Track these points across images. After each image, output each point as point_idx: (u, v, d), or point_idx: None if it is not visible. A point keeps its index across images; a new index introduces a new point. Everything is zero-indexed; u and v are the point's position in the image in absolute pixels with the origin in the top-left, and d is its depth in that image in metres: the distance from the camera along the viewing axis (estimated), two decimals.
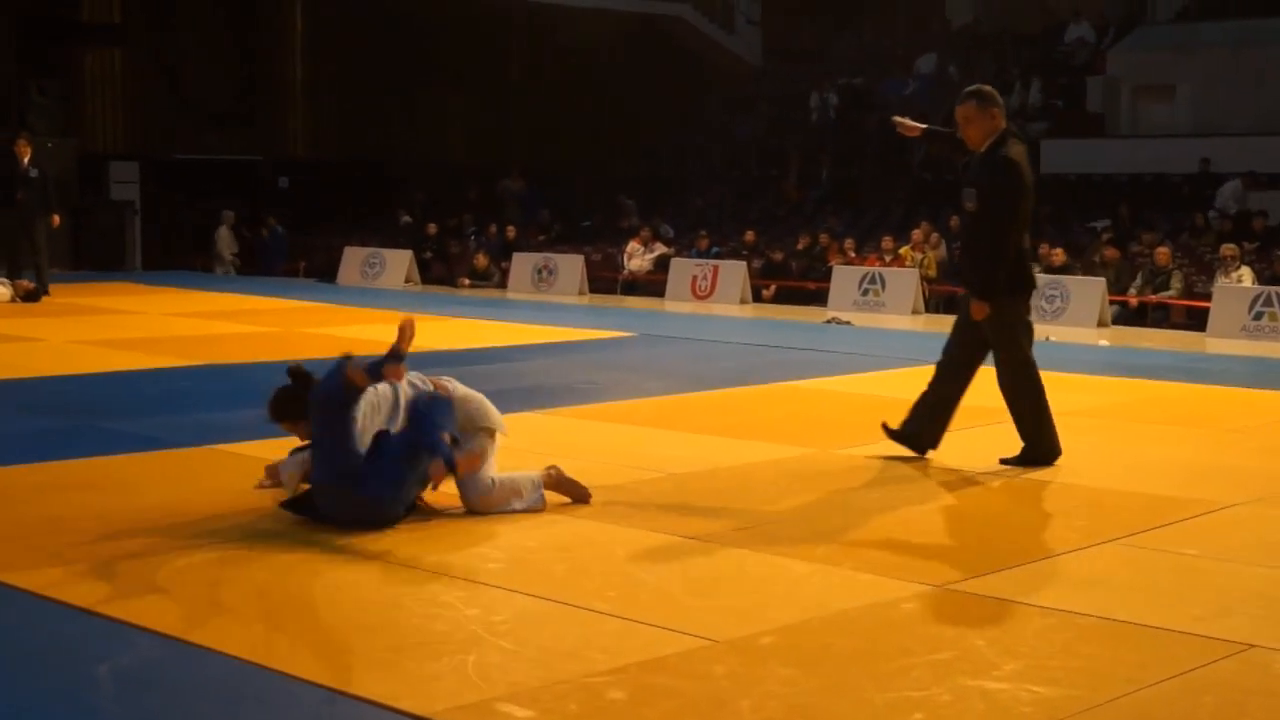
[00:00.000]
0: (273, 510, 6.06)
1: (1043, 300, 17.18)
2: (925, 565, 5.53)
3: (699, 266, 20.62)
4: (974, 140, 7.50)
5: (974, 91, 7.55)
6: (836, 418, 9.41)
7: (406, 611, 4.87)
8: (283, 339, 13.40)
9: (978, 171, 7.47)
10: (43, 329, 13.47)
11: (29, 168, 17.12)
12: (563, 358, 12.50)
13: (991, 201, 7.39)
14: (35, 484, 6.77)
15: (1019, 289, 7.58)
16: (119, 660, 4.35)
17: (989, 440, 8.45)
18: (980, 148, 7.47)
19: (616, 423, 8.91)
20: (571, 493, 6.49)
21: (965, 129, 7.52)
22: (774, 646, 4.56)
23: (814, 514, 6.51)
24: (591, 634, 4.64)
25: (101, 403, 9.40)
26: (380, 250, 23.33)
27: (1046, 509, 6.61)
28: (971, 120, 7.46)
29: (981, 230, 7.52)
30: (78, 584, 5.08)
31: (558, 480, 6.47)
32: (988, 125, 7.44)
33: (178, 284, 19.96)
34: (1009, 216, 7.38)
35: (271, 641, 4.53)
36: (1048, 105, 26.08)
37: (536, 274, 21.60)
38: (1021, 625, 4.80)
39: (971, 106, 7.46)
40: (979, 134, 7.46)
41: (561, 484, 6.48)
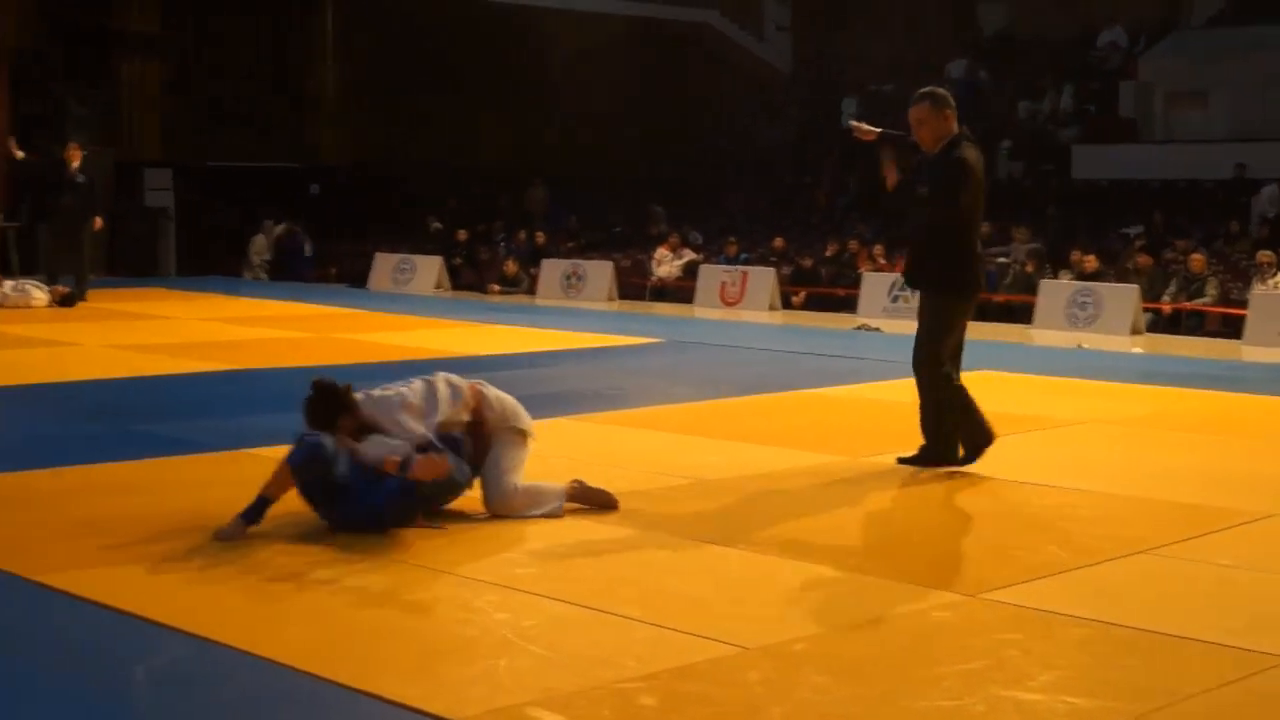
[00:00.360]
0: (304, 515, 6.08)
1: (1075, 307, 17.12)
2: (958, 573, 5.51)
3: (728, 273, 20.60)
4: (927, 142, 7.54)
5: (928, 93, 7.60)
6: (866, 425, 9.39)
7: (438, 616, 4.88)
8: (314, 344, 13.45)
9: (930, 172, 7.52)
10: (79, 334, 13.55)
11: (76, 173, 17.26)
12: (591, 364, 12.50)
13: (932, 195, 7.45)
14: (72, 486, 6.81)
15: (965, 288, 7.58)
16: (155, 661, 4.37)
17: (1021, 448, 8.42)
18: (934, 149, 7.51)
19: (645, 429, 8.91)
20: (597, 501, 6.48)
21: (918, 130, 7.56)
22: (806, 654, 4.55)
23: (844, 521, 6.49)
24: (623, 640, 4.64)
25: (136, 407, 9.46)
26: (411, 256, 23.39)
27: (1081, 518, 6.57)
28: (925, 122, 7.51)
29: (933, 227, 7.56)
30: (114, 585, 5.11)
31: (582, 492, 6.47)
32: (941, 127, 7.49)
33: (211, 289, 20.06)
34: (948, 212, 7.45)
35: (305, 644, 4.54)
36: (1080, 111, 25.98)
37: (565, 280, 21.61)
38: (1056, 635, 4.78)
39: (925, 108, 7.52)
40: (932, 136, 7.51)
41: (586, 495, 6.48)
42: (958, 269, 7.50)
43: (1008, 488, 7.27)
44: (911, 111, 7.57)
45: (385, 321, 15.85)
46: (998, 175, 25.75)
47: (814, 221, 25.40)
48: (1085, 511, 6.74)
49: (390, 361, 11.98)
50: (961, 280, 7.54)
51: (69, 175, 17.24)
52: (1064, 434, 9.05)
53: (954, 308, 7.56)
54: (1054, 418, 9.61)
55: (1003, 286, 19.36)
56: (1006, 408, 10.10)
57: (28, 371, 10.95)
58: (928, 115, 7.50)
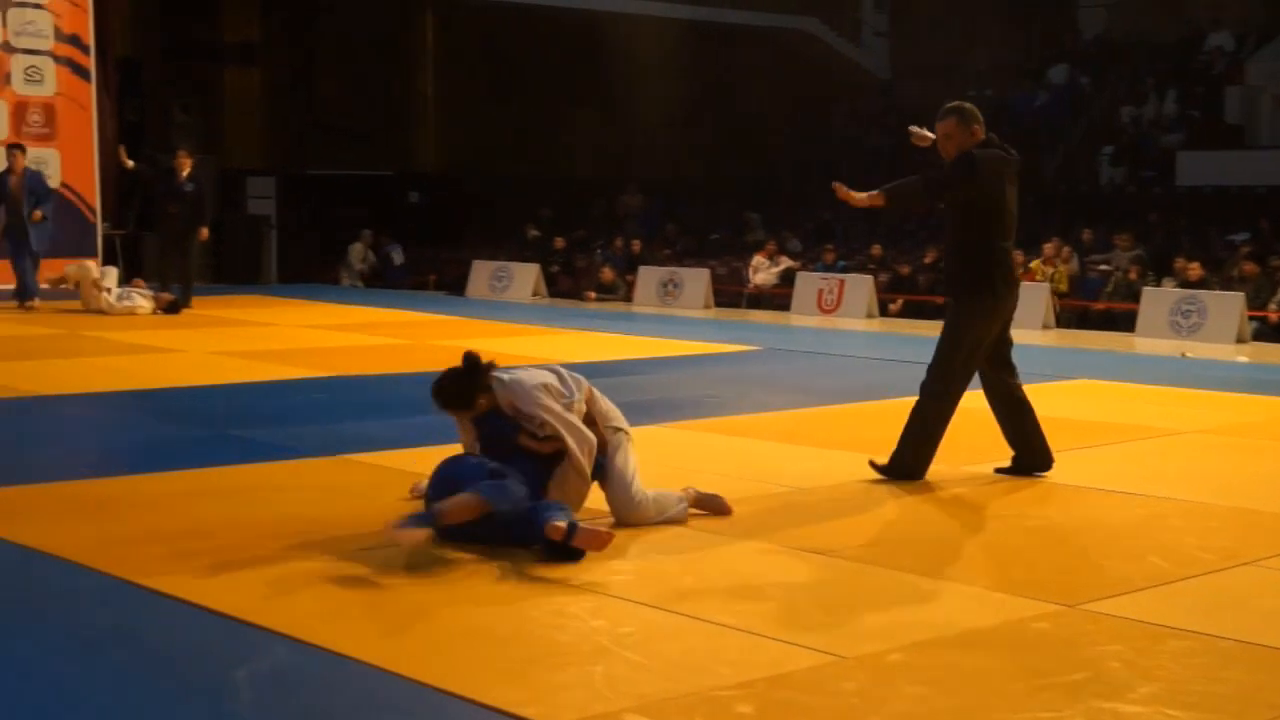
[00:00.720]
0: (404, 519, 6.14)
1: (1179, 315, 16.88)
2: (1057, 583, 5.45)
3: (825, 280, 20.53)
4: (944, 154, 7.50)
5: (955, 108, 7.51)
6: (964, 434, 9.29)
7: (535, 622, 4.91)
8: (412, 351, 13.57)
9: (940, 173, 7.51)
10: (183, 340, 13.77)
11: (185, 182, 17.51)
12: (687, 371, 12.51)
13: (927, 180, 7.46)
14: (176, 491, 6.92)
15: (984, 293, 7.38)
16: (256, 665, 4.43)
17: (1122, 458, 8.33)
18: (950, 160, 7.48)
19: (741, 436, 8.90)
20: (712, 507, 6.49)
21: (945, 145, 7.48)
22: (903, 664, 4.52)
23: (942, 530, 6.45)
24: (718, 647, 4.64)
25: (237, 412, 9.60)
26: (508, 264, 23.55)
27: (1184, 528, 6.48)
28: (952, 136, 7.44)
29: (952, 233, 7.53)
30: (216, 589, 5.18)
31: (696, 499, 6.48)
32: (967, 142, 7.41)
33: (311, 297, 20.29)
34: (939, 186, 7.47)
35: (403, 649, 4.59)
36: (1184, 116, 25.60)
37: (662, 287, 21.64)
38: (1157, 647, 4.71)
39: (953, 123, 7.45)
40: (956, 150, 7.43)
41: (701, 501, 6.49)
42: (973, 273, 7.38)
43: (1109, 497, 7.18)
44: (939, 126, 7.51)
45: (482, 329, 15.96)
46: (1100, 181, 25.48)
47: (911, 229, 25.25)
48: (1187, 522, 6.64)
49: None
50: (982, 285, 7.37)
51: (177, 184, 17.48)
52: (1166, 444, 8.93)
53: (974, 311, 7.41)
54: (1156, 427, 9.48)
55: (1105, 294, 19.14)
56: (1107, 417, 10.00)
57: (132, 377, 11.15)
58: (955, 130, 7.44)
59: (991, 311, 7.40)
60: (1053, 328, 18.17)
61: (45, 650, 4.60)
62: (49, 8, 20.52)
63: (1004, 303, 7.46)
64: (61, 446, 8.45)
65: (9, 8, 20.16)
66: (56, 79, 20.64)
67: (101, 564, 5.50)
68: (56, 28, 20.58)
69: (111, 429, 9.26)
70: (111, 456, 8.24)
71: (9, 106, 20.25)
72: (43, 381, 10.74)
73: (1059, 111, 27.17)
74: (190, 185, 17.50)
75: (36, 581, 5.38)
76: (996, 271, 7.36)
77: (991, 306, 7.39)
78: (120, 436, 8.93)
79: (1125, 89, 27.31)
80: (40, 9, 20.46)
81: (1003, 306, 7.46)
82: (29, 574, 5.49)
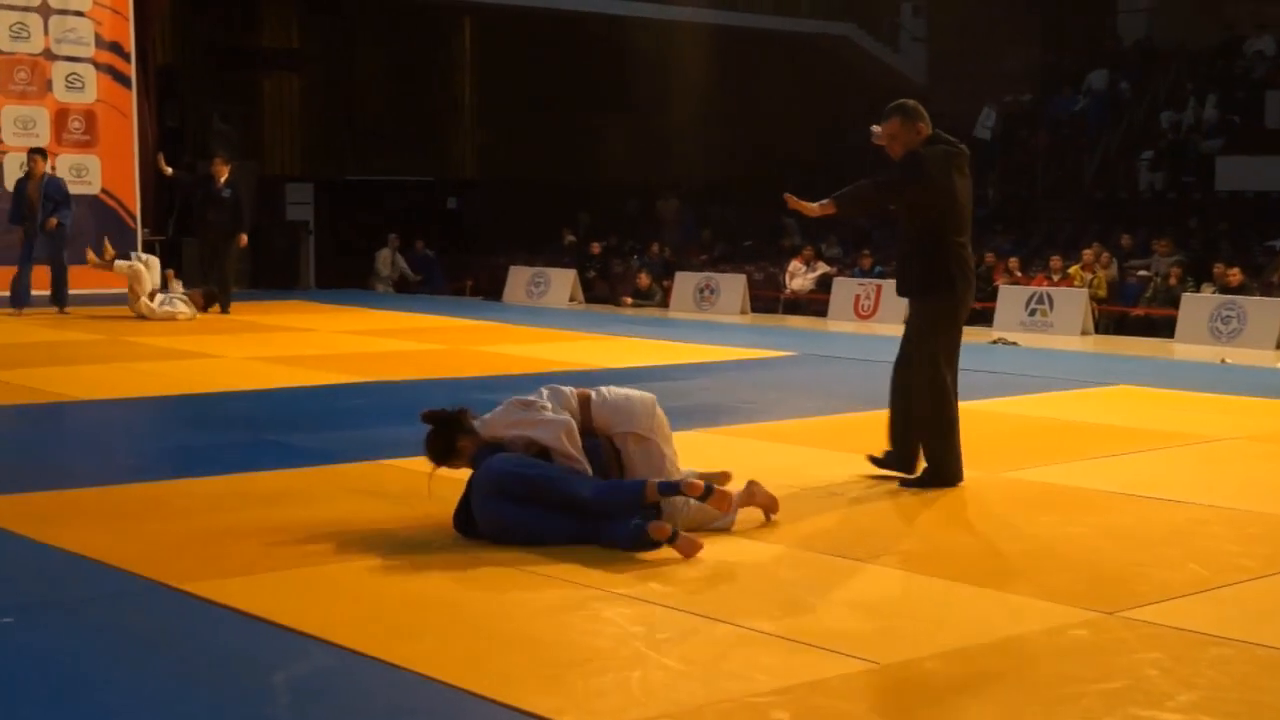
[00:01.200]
0: (442, 524, 6.16)
1: (1218, 321, 16.77)
2: (1095, 591, 5.42)
3: (862, 285, 20.49)
4: (898, 155, 7.46)
5: (898, 107, 7.49)
6: (1003, 440, 9.27)
7: (571, 628, 4.92)
8: (449, 356, 13.61)
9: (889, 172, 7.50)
10: (221, 346, 13.85)
11: (222, 188, 17.58)
12: (724, 377, 12.50)
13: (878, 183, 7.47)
14: (214, 496, 6.97)
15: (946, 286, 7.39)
16: (294, 670, 4.46)
17: (1160, 464, 8.29)
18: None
19: (778, 442, 8.89)
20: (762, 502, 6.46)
21: (891, 145, 7.46)
22: (939, 672, 4.51)
23: (979, 537, 6.43)
24: (756, 654, 4.64)
25: (276, 417, 9.64)
26: (545, 269, 23.58)
27: (1224, 535, 6.44)
28: (897, 136, 7.42)
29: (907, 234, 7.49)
30: (254, 594, 5.21)
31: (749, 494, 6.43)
32: (913, 141, 7.39)
33: (348, 302, 20.37)
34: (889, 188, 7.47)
35: (440, 654, 4.60)
36: (1224, 121, 25.43)
37: (698, 293, 21.64)
38: (1197, 655, 4.68)
39: (897, 123, 7.43)
40: (904, 149, 7.41)
41: (754, 496, 6.45)
42: (930, 272, 7.38)
43: (1148, 504, 7.14)
44: (884, 127, 7.48)
45: (519, 334, 15.99)
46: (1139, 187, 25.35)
47: None
48: (1227, 529, 6.60)
49: (524, 374, 12.08)
50: (941, 284, 7.38)
51: (215, 190, 17.56)
52: (1205, 450, 8.87)
53: (938, 310, 7.44)
54: (1195, 433, 9.42)
55: (1144, 300, 19.04)
56: (1146, 423, 9.94)
57: (172, 383, 11.22)
58: (899, 129, 7.42)
59: (954, 309, 7.47)
60: (1091, 334, 18.08)
61: (84, 654, 4.63)
62: (90, 15, 20.68)
63: (964, 299, 7.53)
64: (101, 451, 8.51)
65: (51, 15, 20.33)
66: (97, 86, 20.80)
67: (140, 568, 5.54)
68: (98, 35, 20.74)
69: (150, 434, 9.32)
70: (150, 461, 8.29)
71: (50, 113, 20.42)
72: (83, 386, 10.82)
73: (1098, 116, 27.04)
74: (228, 191, 17.58)
75: (76, 585, 5.42)
76: (955, 268, 7.38)
77: (952, 304, 7.45)
78: (159, 441, 8.99)
79: (1165, 94, 27.16)
80: (82, 16, 20.62)
81: (963, 303, 7.53)
82: (69, 578, 5.53)
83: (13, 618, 4.95)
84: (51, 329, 15.37)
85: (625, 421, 6.34)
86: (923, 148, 7.35)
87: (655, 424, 6.37)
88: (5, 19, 19.99)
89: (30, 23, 20.18)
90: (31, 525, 6.25)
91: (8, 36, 20.03)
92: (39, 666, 4.48)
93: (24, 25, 20.14)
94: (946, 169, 7.32)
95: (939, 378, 7.45)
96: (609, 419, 6.33)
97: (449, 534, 6.07)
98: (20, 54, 20.14)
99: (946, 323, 7.46)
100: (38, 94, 20.30)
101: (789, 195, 7.66)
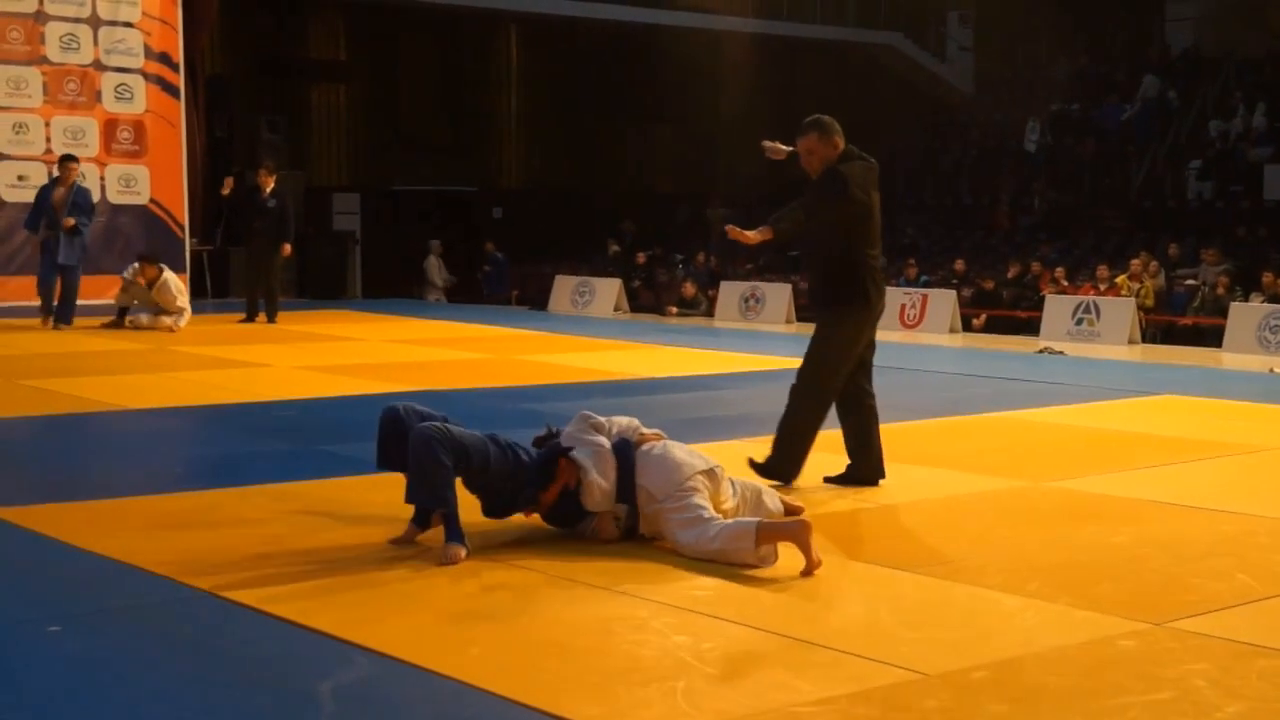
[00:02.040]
0: (485, 531, 6.18)
1: (1267, 330, 16.65)
2: (1142, 601, 5.39)
3: (907, 295, 20.44)
4: (809, 169, 7.51)
5: (814, 122, 7.50)
6: (1049, 450, 9.23)
7: (616, 637, 4.92)
8: (495, 365, 13.65)
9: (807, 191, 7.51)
10: (269, 355, 13.93)
11: (268, 198, 17.63)
12: (770, 386, 12.43)
13: (804, 206, 7.44)
14: (260, 505, 7.00)
15: (861, 297, 7.49)
16: (340, 678, 4.47)
17: (1208, 474, 8.23)
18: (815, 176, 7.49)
19: (824, 451, 8.85)
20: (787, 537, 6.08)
21: (808, 160, 7.48)
22: (986, 681, 4.49)
23: (1025, 547, 6.39)
24: (800, 663, 4.63)
25: (323, 426, 9.69)
26: (590, 279, 23.63)
27: (1272, 546, 6.39)
28: (814, 151, 7.46)
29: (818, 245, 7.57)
30: (300, 602, 5.24)
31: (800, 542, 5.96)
32: (830, 155, 7.44)
33: (395, 311, 20.45)
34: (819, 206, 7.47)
35: (485, 663, 4.61)
36: (1272, 129, 25.25)
37: (744, 302, 21.63)
38: (1245, 666, 4.65)
39: (814, 138, 7.45)
40: (820, 164, 7.45)
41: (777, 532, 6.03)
42: (845, 284, 7.46)
43: (1195, 514, 7.09)
44: (800, 143, 7.50)
45: (565, 343, 16.02)
46: (1187, 196, 25.19)
47: (993, 243, 25.08)
48: (1276, 540, 6.55)
49: (570, 383, 12.10)
50: (856, 294, 7.47)
51: (261, 200, 17.62)
52: (1254, 460, 8.81)
53: (847, 320, 7.55)
54: (1244, 443, 9.35)
55: (1192, 309, 18.92)
56: (1194, 433, 9.87)
57: (220, 392, 11.29)
58: (816, 144, 7.45)
59: (865, 320, 7.58)
60: (1139, 343, 17.98)
61: (131, 662, 4.66)
62: (140, 26, 20.87)
63: (875, 310, 7.63)
64: (147, 460, 8.57)
65: (100, 26, 20.53)
66: (146, 96, 20.98)
67: (187, 577, 5.57)
68: (147, 46, 20.92)
69: (197, 443, 9.39)
70: (197, 470, 8.35)
71: (100, 123, 20.61)
72: (130, 395, 10.90)
73: (1146, 125, 26.89)
74: (273, 201, 17.63)
75: (122, 593, 5.46)
76: (869, 280, 7.51)
77: (865, 315, 7.56)
78: (206, 450, 9.05)
79: (1213, 102, 26.99)
80: (131, 28, 20.81)
81: (874, 313, 7.64)
82: (115, 586, 5.56)
83: (60, 626, 4.99)
84: (101, 339, 15.49)
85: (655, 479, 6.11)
86: (839, 163, 7.42)
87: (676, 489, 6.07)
88: (55, 30, 20.21)
89: (80, 34, 20.39)
90: (78, 533, 6.30)
91: (58, 48, 20.23)
92: (85, 674, 4.52)
93: (74, 36, 20.34)
94: (865, 184, 7.45)
95: (828, 384, 7.58)
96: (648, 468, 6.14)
97: (492, 544, 6.08)
98: (70, 65, 20.34)
99: (853, 332, 7.59)
100: (87, 105, 20.50)
101: (730, 226, 7.73)
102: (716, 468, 6.30)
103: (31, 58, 20.03)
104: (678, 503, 6.03)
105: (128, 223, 20.78)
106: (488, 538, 6.15)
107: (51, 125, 20.21)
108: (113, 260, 20.32)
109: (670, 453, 6.23)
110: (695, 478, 6.13)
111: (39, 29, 20.08)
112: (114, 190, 20.69)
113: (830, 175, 7.40)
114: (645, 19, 28.88)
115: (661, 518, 6.08)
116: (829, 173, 7.41)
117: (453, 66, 29.44)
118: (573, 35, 29.23)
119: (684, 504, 6.02)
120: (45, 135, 20.10)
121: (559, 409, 10.04)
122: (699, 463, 6.22)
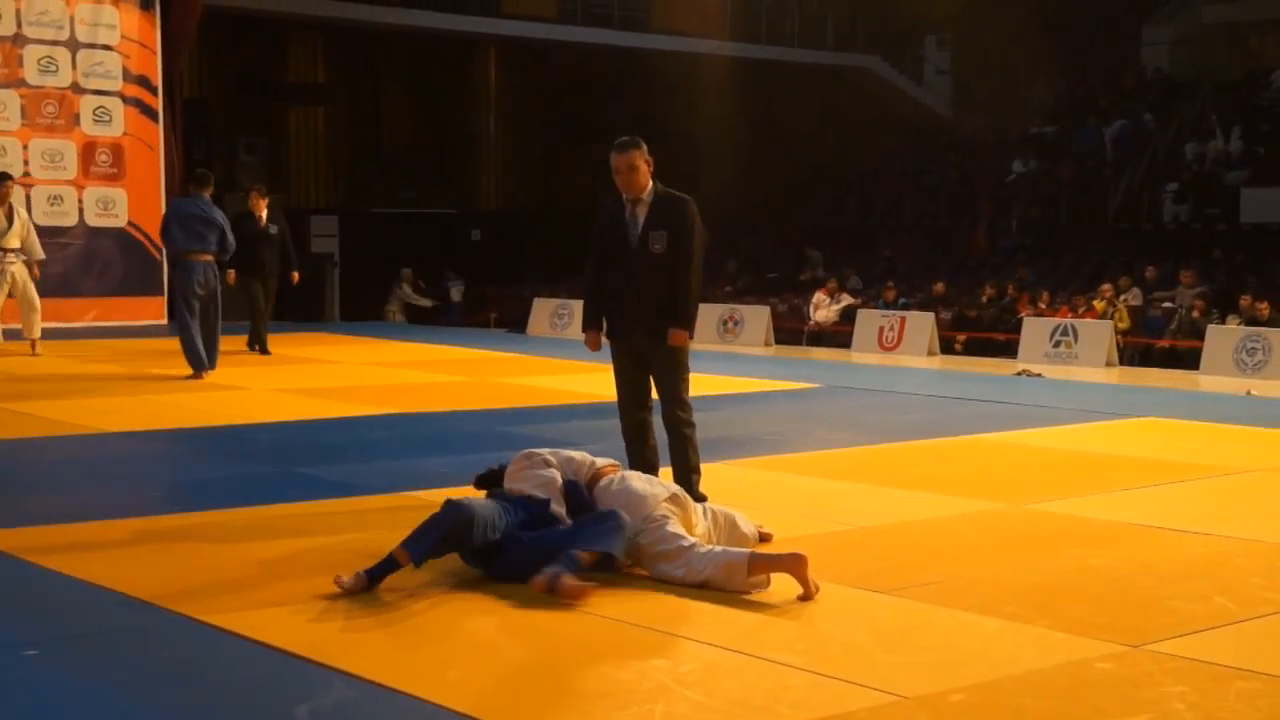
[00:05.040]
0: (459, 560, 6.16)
1: (1243, 353, 16.72)
2: (1120, 624, 5.40)
3: (886, 317, 20.48)
4: (639, 187, 7.58)
5: (633, 140, 7.60)
6: (1027, 472, 9.26)
7: (596, 661, 4.91)
8: (473, 388, 13.63)
9: (661, 215, 7.59)
10: (247, 378, 13.90)
11: (267, 225, 16.67)
12: (748, 408, 12.50)
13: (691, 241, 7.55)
14: (238, 528, 6.98)
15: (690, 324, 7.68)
16: (318, 701, 4.46)
17: (1186, 496, 8.26)
18: (643, 193, 7.59)
19: (802, 474, 8.88)
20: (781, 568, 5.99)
21: (633, 177, 7.54)
22: (964, 705, 4.50)
23: (1004, 570, 6.41)
24: (779, 687, 4.63)
25: (301, 449, 9.66)
26: (569, 301, 23.60)
27: (1249, 568, 6.41)
28: (639, 168, 7.54)
29: (678, 269, 7.56)
30: (278, 626, 5.22)
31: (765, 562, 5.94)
32: (648, 172, 7.58)
33: (374, 334, 20.43)
34: (702, 253, 7.65)
35: (462, 686, 4.60)
36: (1248, 153, 25.39)
37: (722, 324, 21.64)
38: (1223, 688, 4.66)
39: (639, 154, 7.55)
40: (645, 180, 7.57)
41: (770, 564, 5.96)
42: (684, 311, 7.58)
43: (1172, 536, 7.12)
44: (623, 159, 7.56)
45: (543, 366, 16.01)
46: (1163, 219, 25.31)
47: (971, 266, 25.17)
48: (1252, 562, 6.57)
49: (550, 405, 12.10)
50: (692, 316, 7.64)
51: (261, 228, 16.60)
52: (1230, 482, 8.84)
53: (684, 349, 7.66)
54: (1220, 465, 9.39)
55: (1168, 332, 18.99)
56: (1171, 455, 9.91)
57: (197, 415, 11.26)
58: (642, 161, 7.55)
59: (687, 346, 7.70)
60: (1116, 365, 18.04)
61: (108, 687, 4.64)
62: (118, 49, 20.84)
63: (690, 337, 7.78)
64: (126, 483, 8.54)
65: (79, 49, 20.49)
66: (125, 119, 20.95)
67: (164, 601, 5.56)
68: (125, 69, 20.90)
69: (176, 466, 9.35)
70: (175, 493, 8.33)
71: (78, 146, 20.57)
72: (108, 418, 10.86)
73: (1122, 148, 27.02)
74: (274, 228, 16.69)
75: (99, 618, 5.44)
76: (693, 307, 7.68)
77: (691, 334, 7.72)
78: (184, 473, 9.02)
79: (1190, 126, 27.14)
80: (110, 50, 20.78)
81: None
82: (92, 610, 5.54)
83: (36, 650, 4.97)
84: (76, 362, 15.43)
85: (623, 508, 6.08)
86: (657, 185, 7.60)
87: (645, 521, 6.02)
88: (34, 53, 20.17)
89: (58, 57, 20.35)
90: (55, 558, 6.27)
91: (36, 70, 20.19)
92: (62, 699, 4.50)
93: (52, 59, 20.31)
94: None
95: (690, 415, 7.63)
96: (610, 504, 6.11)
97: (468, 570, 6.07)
98: (48, 88, 20.29)
99: (687, 358, 7.71)
100: (65, 127, 20.45)
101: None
102: (679, 492, 6.30)
103: (9, 80, 19.99)
104: (653, 535, 6.00)
105: (106, 245, 20.72)
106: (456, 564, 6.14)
107: (30, 148, 20.16)
108: (90, 283, 20.24)
109: (630, 484, 6.21)
110: (662, 505, 6.10)
111: (17, 51, 20.04)
112: (92, 213, 20.63)
113: (688, 208, 7.60)
114: (624, 42, 28.96)
115: (639, 552, 6.04)
116: (686, 205, 7.61)
117: (431, 89, 29.46)
118: (551, 58, 29.29)
119: (660, 535, 5.99)
120: (23, 158, 20.03)
121: (540, 432, 10.04)
122: (660, 490, 6.20)
